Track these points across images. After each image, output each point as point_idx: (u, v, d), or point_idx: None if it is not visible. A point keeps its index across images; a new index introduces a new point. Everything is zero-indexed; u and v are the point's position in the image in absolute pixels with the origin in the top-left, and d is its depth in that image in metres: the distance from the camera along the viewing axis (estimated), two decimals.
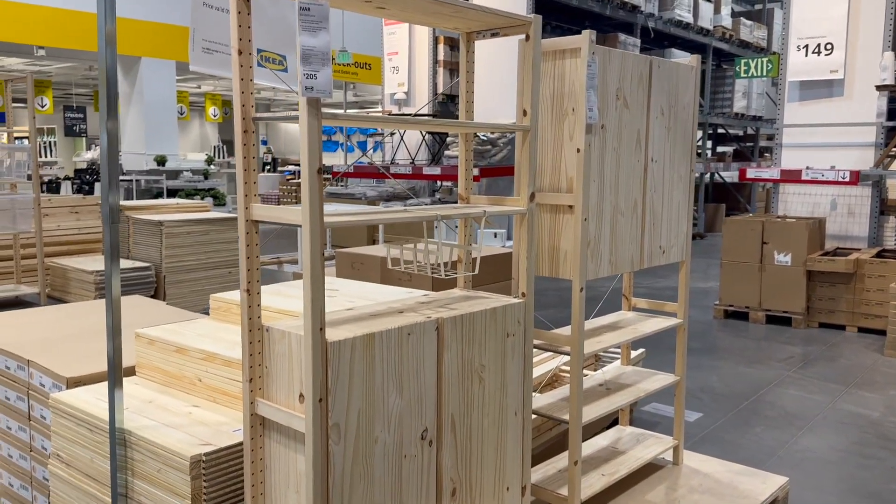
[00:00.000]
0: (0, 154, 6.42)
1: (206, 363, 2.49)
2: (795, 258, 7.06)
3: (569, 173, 2.77)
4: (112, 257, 2.17)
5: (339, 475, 1.94)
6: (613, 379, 3.40)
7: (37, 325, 3.41)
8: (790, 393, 5.12)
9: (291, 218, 1.90)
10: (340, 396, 1.93)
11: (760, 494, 3.20)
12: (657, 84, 3.05)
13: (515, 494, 2.50)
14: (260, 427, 2.08)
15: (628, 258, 3.02)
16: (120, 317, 2.21)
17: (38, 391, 2.83)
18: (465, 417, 2.28)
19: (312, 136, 1.81)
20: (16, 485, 3.04)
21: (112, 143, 2.16)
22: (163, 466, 2.15)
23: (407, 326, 2.09)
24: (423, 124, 2.11)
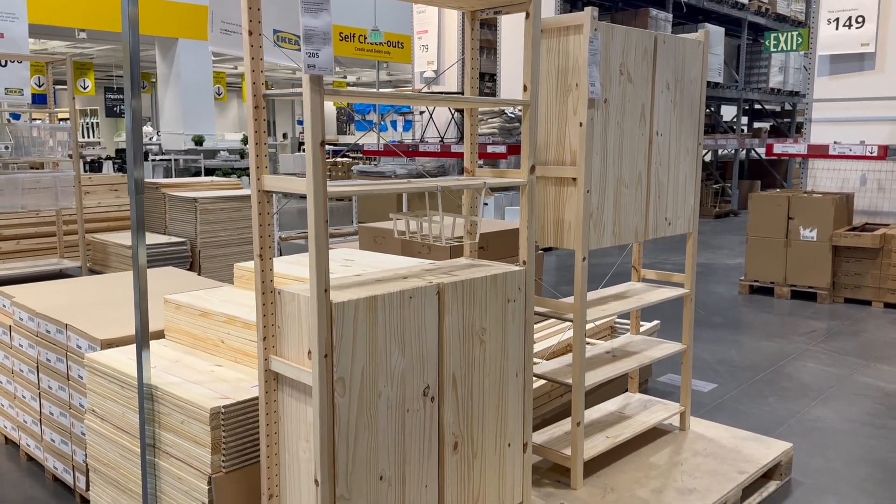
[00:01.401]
0: (43, 134, 6.70)
1: (228, 326, 2.67)
2: (821, 233, 7.03)
3: (572, 147, 2.87)
4: (138, 227, 2.35)
5: (344, 425, 2.10)
6: (621, 347, 3.51)
7: (75, 294, 3.63)
8: (808, 366, 5.17)
9: (298, 188, 2.05)
10: (345, 353, 2.08)
11: (763, 458, 3.30)
12: (662, 59, 3.12)
13: (517, 451, 2.64)
14: (273, 382, 2.25)
15: (632, 229, 3.12)
16: (146, 281, 2.39)
17: (75, 353, 3.05)
18: (466, 377, 2.43)
19: (315, 111, 1.96)
20: (57, 440, 3.28)
21: (136, 120, 2.33)
22: (186, 418, 2.34)
23: (409, 290, 2.23)
24: (424, 99, 2.24)
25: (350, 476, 2.13)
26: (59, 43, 16.73)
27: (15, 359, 3.54)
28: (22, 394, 3.52)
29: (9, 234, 7.02)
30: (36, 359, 3.35)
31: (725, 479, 3.10)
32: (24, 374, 3.48)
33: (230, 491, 2.29)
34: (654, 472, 3.14)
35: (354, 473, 2.14)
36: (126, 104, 2.33)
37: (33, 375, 3.39)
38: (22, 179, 6.15)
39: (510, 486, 2.64)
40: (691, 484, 3.05)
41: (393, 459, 2.24)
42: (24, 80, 6.43)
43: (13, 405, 3.63)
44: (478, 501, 2.52)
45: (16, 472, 3.54)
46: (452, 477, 2.42)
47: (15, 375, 3.56)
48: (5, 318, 3.63)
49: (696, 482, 3.06)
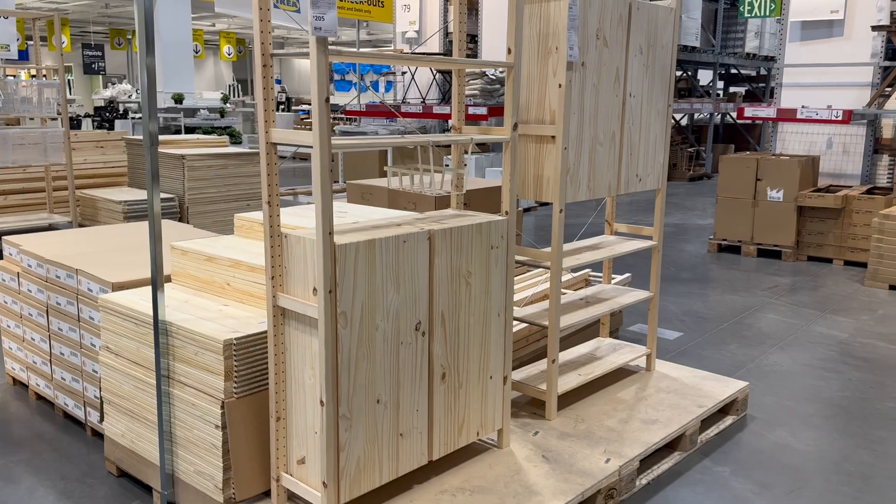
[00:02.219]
0: (29, 91, 6.78)
1: (234, 269, 2.90)
2: (787, 194, 7.36)
3: (552, 107, 3.10)
4: (153, 177, 2.56)
5: (346, 355, 2.35)
6: (594, 294, 3.79)
7: (77, 243, 3.82)
8: (768, 317, 5.51)
9: (304, 139, 2.27)
10: (346, 290, 2.33)
11: (721, 394, 3.62)
12: (636, 25, 3.34)
13: (497, 382, 2.92)
14: (281, 317, 2.49)
15: (605, 184, 3.37)
16: (160, 226, 2.61)
17: (86, 296, 3.26)
18: (453, 315, 2.69)
19: (321, 70, 2.17)
20: (68, 378, 3.50)
21: (151, 77, 2.52)
22: (199, 350, 2.58)
23: (403, 235, 2.47)
24: (416, 60, 2.45)
25: (351, 399, 2.39)
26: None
27: (24, 304, 3.74)
28: (31, 336, 3.73)
29: None
30: (45, 303, 3.55)
31: (686, 411, 3.41)
32: (32, 317, 3.68)
33: (241, 414, 2.55)
34: (622, 406, 3.45)
35: (355, 396, 2.40)
36: (140, 63, 2.52)
37: (42, 319, 3.60)
38: (11, 135, 6.25)
39: (491, 414, 2.92)
40: (654, 415, 3.36)
41: (388, 386, 2.50)
42: (11, 36, 6.48)
43: (21, 347, 3.84)
44: (462, 426, 2.80)
45: (26, 411, 3.77)
46: (440, 403, 2.70)
47: (24, 319, 3.77)
48: (13, 266, 3.82)
49: (659, 414, 3.37)
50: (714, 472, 3.22)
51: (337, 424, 2.36)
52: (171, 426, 2.72)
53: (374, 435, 2.48)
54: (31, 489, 3.01)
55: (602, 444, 3.07)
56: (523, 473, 2.82)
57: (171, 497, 2.77)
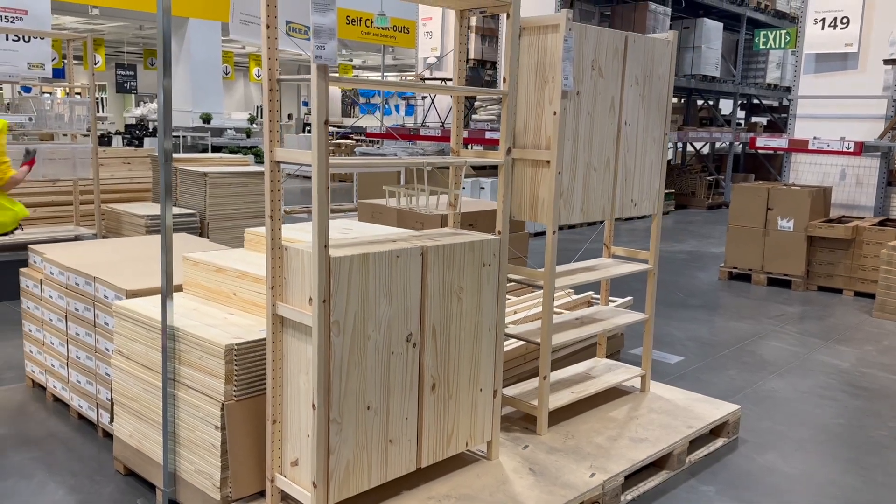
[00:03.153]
0: (61, 108, 7.07)
1: (240, 280, 3.06)
2: (798, 224, 7.41)
3: (547, 133, 3.25)
4: (166, 192, 2.74)
5: (338, 362, 2.49)
6: (589, 315, 3.90)
7: (98, 253, 4.02)
8: (772, 344, 5.56)
9: (304, 158, 2.44)
10: (340, 300, 2.47)
11: (710, 416, 3.70)
12: (632, 56, 3.49)
13: (487, 396, 3.04)
14: (279, 325, 2.64)
15: (600, 208, 3.50)
16: (171, 238, 2.78)
17: (102, 302, 3.44)
18: (444, 328, 2.82)
19: (321, 95, 2.33)
20: (82, 381, 3.68)
21: (167, 97, 2.71)
22: (203, 354, 2.74)
23: (396, 250, 2.62)
24: (413, 87, 2.61)
25: (342, 403, 2.53)
26: (72, 19, 17.04)
27: (45, 309, 3.93)
28: (50, 340, 3.92)
29: (27, 203, 7.39)
30: (65, 308, 3.74)
31: (675, 431, 3.50)
32: (52, 322, 3.87)
33: (240, 416, 2.69)
34: (612, 425, 3.54)
35: (346, 402, 2.54)
36: (158, 83, 2.71)
37: (62, 324, 3.79)
38: (43, 149, 6.52)
39: (481, 425, 3.04)
40: (644, 434, 3.45)
41: (379, 393, 2.63)
42: (46, 56, 6.79)
43: (41, 351, 4.03)
44: (451, 436, 2.92)
45: (42, 412, 3.95)
46: (430, 413, 2.82)
47: (44, 324, 3.96)
48: (36, 273, 4.03)
49: (648, 433, 3.46)
50: (699, 491, 3.30)
51: (328, 428, 2.50)
52: (175, 427, 2.87)
53: (363, 440, 2.61)
54: (42, 484, 3.17)
55: (589, 460, 3.16)
56: (509, 484, 2.92)
57: (173, 495, 2.92)
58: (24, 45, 6.67)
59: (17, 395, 4.15)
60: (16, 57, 6.66)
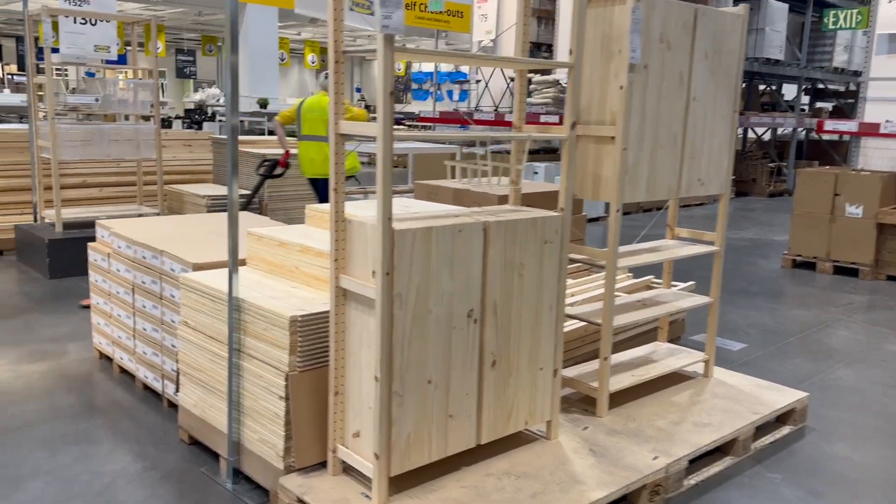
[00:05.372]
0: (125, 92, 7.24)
1: (302, 255, 3.09)
2: (867, 210, 7.14)
3: (612, 108, 3.18)
4: (233, 168, 2.77)
5: (400, 335, 2.49)
6: (651, 298, 3.82)
7: (164, 228, 4.10)
8: (839, 333, 5.38)
9: (370, 131, 2.43)
10: (403, 273, 2.47)
11: (777, 403, 3.59)
12: (702, 30, 3.38)
13: (547, 374, 3.01)
14: (342, 297, 2.65)
15: (665, 186, 3.42)
16: (237, 213, 2.81)
17: (168, 275, 3.52)
18: (505, 304, 2.79)
19: (387, 65, 2.32)
20: (148, 352, 3.77)
21: (234, 75, 2.73)
22: (268, 325, 2.77)
23: (458, 225, 2.60)
24: (479, 59, 2.58)
25: (404, 376, 2.52)
26: (133, 5, 17.44)
27: (112, 282, 4.04)
28: (118, 313, 4.03)
29: (93, 182, 7.61)
30: (132, 281, 3.83)
31: (740, 417, 3.41)
32: (119, 295, 3.98)
33: (303, 387, 2.71)
34: (674, 409, 3.47)
35: (408, 375, 2.53)
36: (227, 60, 2.73)
37: (129, 296, 3.88)
38: (108, 130, 6.70)
39: (540, 404, 3.01)
40: (707, 419, 3.37)
41: (440, 368, 2.62)
42: (112, 39, 6.94)
43: (109, 323, 4.15)
44: (511, 413, 2.90)
45: (109, 382, 4.06)
46: (490, 389, 2.80)
47: (111, 297, 4.07)
48: (104, 247, 4.13)
49: (712, 418, 3.38)
50: (765, 478, 3.21)
51: (390, 400, 2.50)
52: (240, 396, 2.92)
53: (424, 413, 2.60)
54: (111, 451, 3.27)
55: (651, 443, 3.10)
56: (569, 464, 2.89)
57: (237, 464, 2.97)
58: (91, 28, 6.83)
59: (84, 366, 4.28)
60: (83, 40, 6.83)
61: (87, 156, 6.61)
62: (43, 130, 6.72)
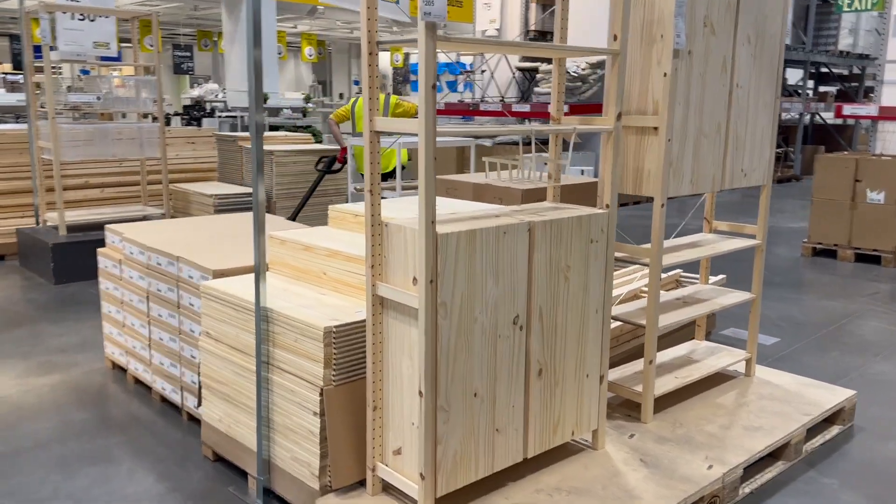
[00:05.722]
0: (124, 89, 7.04)
1: (331, 259, 2.91)
2: (889, 196, 6.97)
3: (655, 97, 3.00)
4: (258, 167, 2.59)
5: (445, 345, 2.32)
6: (691, 294, 3.66)
7: (177, 232, 3.92)
8: (870, 324, 5.22)
9: (409, 127, 2.25)
10: (447, 280, 2.29)
11: (826, 402, 3.43)
12: (745, 12, 3.20)
13: (594, 381, 2.84)
14: (379, 306, 2.47)
15: (709, 178, 3.24)
16: (264, 215, 2.63)
17: (186, 283, 3.34)
18: (551, 309, 2.62)
19: (429, 56, 2.14)
20: (166, 363, 3.59)
21: (258, 69, 2.55)
22: (300, 337, 2.59)
23: (503, 226, 2.42)
24: (520, 48, 2.40)
25: (449, 390, 2.35)
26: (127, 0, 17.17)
27: (125, 289, 3.86)
28: (131, 322, 3.85)
29: (95, 183, 7.42)
30: (146, 289, 3.65)
31: (790, 419, 3.25)
32: (133, 303, 3.80)
33: (338, 402, 2.54)
34: (721, 412, 3.31)
35: (452, 388, 2.36)
36: (248, 53, 2.54)
37: (143, 304, 3.70)
38: (111, 129, 6.50)
39: (587, 413, 2.84)
40: (757, 422, 3.21)
41: (485, 379, 2.45)
42: (111, 35, 6.73)
43: (122, 333, 3.97)
44: (558, 424, 2.73)
45: (124, 395, 3.89)
46: (536, 400, 2.63)
47: (124, 305, 3.89)
48: (115, 253, 3.95)
49: (762, 421, 3.22)
50: (821, 483, 3.05)
51: (435, 416, 2.33)
52: (269, 412, 2.75)
53: (470, 429, 2.44)
54: (132, 471, 3.10)
55: (703, 450, 2.94)
56: (621, 477, 2.73)
57: (267, 483, 2.80)
58: (90, 25, 6.62)
59: (97, 378, 4.10)
60: (81, 36, 6.62)
61: (89, 156, 6.42)
62: (43, 131, 6.52)
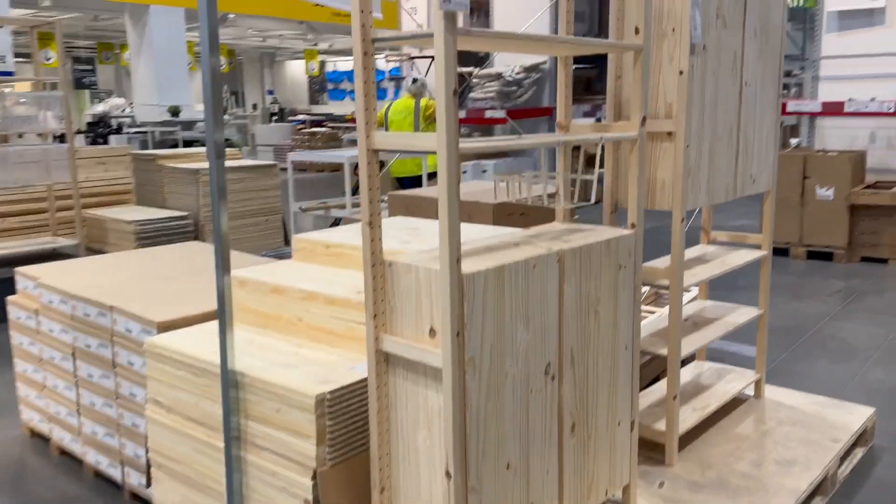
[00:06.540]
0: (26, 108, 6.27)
1: (307, 302, 2.42)
2: (838, 192, 6.93)
3: (668, 98, 2.64)
4: (219, 194, 2.08)
5: (474, 410, 1.88)
6: (696, 314, 3.33)
7: (103, 273, 3.33)
8: (847, 326, 5.07)
9: (423, 144, 1.80)
10: (475, 330, 1.85)
11: (852, 424, 3.16)
12: (752, 3, 2.90)
13: (625, 429, 2.45)
14: (384, 363, 2.01)
15: (723, 187, 2.92)
16: (228, 253, 2.13)
17: (123, 337, 2.77)
18: (582, 352, 2.22)
19: (449, 54, 1.70)
20: (100, 432, 3.00)
21: (216, 80, 2.04)
22: (283, 406, 2.09)
23: (532, 258, 2.00)
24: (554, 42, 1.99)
25: (480, 466, 1.91)
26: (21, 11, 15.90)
27: (44, 345, 3.24)
28: (53, 383, 3.23)
29: None
30: (71, 345, 3.05)
31: (821, 448, 2.95)
32: (55, 361, 3.18)
33: (336, 485, 2.06)
34: (746, 445, 2.99)
35: (484, 463, 1.93)
36: (203, 62, 2.04)
37: (68, 363, 3.10)
38: (12, 153, 5.74)
39: (619, 467, 2.45)
40: (788, 455, 2.89)
41: (518, 445, 2.03)
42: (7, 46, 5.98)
43: (41, 395, 3.34)
44: (591, 485, 2.33)
45: (48, 468, 3.27)
46: (570, 461, 2.22)
47: (44, 363, 3.27)
48: (29, 302, 3.32)
49: (793, 453, 2.91)
50: None
51: (466, 499, 1.89)
52: (244, 499, 2.23)
53: None
54: None
55: (743, 496, 2.60)
56: None
57: None
58: None
59: (14, 449, 3.45)
60: None
61: None
62: None
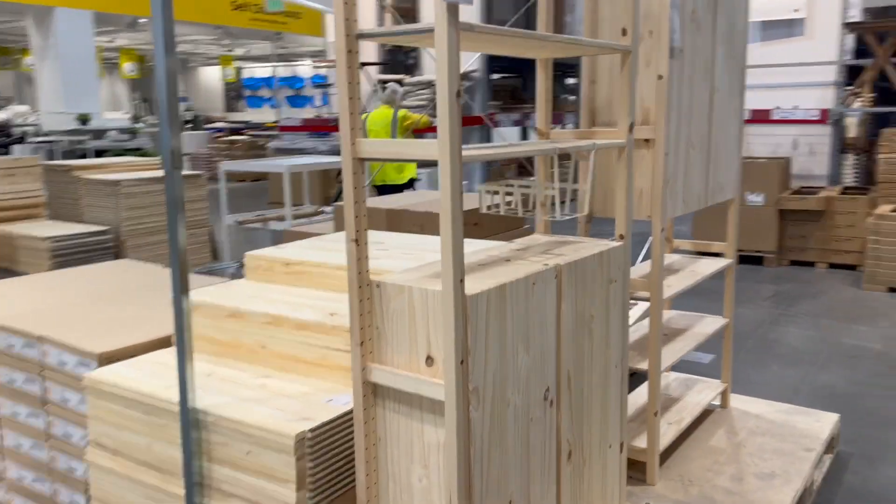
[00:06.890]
0: None
1: (272, 328, 2.18)
2: (769, 198, 7.10)
3: (645, 103, 2.55)
4: (177, 206, 1.83)
5: (478, 444, 1.70)
6: (665, 324, 3.25)
7: (25, 297, 2.98)
8: (788, 330, 5.15)
9: (422, 153, 1.62)
10: (479, 357, 1.68)
11: (820, 432, 3.14)
12: (722, 4, 2.84)
13: (615, 452, 2.32)
14: (371, 396, 1.81)
15: (696, 195, 2.85)
16: (187, 275, 1.88)
17: (56, 370, 2.45)
18: (577, 373, 2.07)
19: (452, 51, 1.52)
20: (27, 477, 2.66)
21: (171, 81, 1.79)
22: (255, 448, 1.86)
23: (532, 275, 1.84)
24: (557, 41, 1.84)
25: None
26: None
27: None
28: None
29: None
30: None
31: (796, 458, 2.91)
32: None
33: None
34: (722, 458, 2.91)
35: (487, 502, 1.75)
36: (157, 62, 1.79)
37: None
38: None
39: (610, 491, 2.32)
40: (766, 467, 2.84)
41: (519, 478, 1.86)
42: None
43: None
44: None
45: None
46: (567, 490, 2.07)
47: None
48: None
49: (770, 464, 2.85)
50: None
51: None
52: None
53: None
54: None
55: None
56: None
57: None
58: None
59: None
60: None
61: None
62: None
